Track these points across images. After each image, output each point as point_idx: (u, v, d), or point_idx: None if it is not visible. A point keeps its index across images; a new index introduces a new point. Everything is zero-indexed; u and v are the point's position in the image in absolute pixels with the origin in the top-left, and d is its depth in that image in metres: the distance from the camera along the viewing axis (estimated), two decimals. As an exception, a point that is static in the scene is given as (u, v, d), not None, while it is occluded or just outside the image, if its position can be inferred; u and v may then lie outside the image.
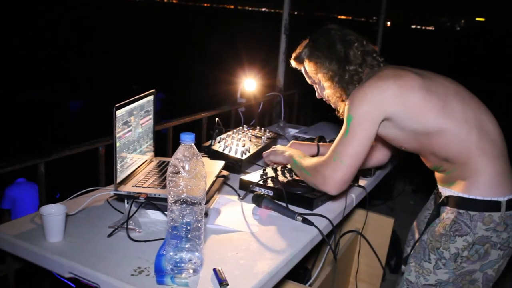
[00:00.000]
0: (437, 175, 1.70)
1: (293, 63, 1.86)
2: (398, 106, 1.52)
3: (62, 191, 4.91)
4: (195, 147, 1.21)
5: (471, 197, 1.52)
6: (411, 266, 1.65)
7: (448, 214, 1.58)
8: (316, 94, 1.89)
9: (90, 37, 24.34)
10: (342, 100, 1.74)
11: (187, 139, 1.19)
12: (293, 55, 1.84)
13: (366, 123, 1.53)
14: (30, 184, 4.84)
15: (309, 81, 1.87)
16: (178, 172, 1.19)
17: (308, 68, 1.78)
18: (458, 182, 1.57)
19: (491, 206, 1.51)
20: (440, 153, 1.56)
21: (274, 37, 3.49)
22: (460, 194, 1.55)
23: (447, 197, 1.60)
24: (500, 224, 1.51)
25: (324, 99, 1.86)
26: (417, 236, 1.81)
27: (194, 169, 1.19)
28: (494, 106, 1.67)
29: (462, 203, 1.54)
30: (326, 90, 1.76)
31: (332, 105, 1.83)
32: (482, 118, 1.56)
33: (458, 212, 1.54)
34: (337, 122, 2.83)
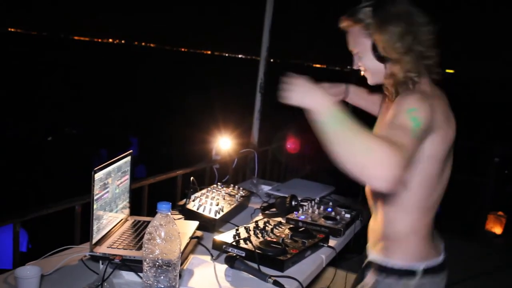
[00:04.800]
0: (368, 233, 1.77)
1: (345, 23, 1.60)
2: (433, 138, 1.44)
3: (33, 240, 4.86)
4: (170, 215, 1.27)
5: (388, 265, 1.60)
6: None
7: (370, 278, 1.66)
8: (354, 64, 1.65)
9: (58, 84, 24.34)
10: (396, 82, 1.53)
11: (164, 209, 1.25)
12: (348, 12, 1.58)
13: (423, 135, 1.39)
14: (6, 227, 4.76)
15: (350, 47, 1.63)
16: (154, 239, 1.25)
17: (360, 33, 1.56)
18: (381, 243, 1.65)
19: (408, 273, 1.58)
20: (406, 196, 1.53)
21: (249, 93, 3.62)
22: (379, 261, 1.64)
23: (369, 262, 1.69)
24: None
25: (362, 71, 1.66)
26: None
27: (170, 237, 1.25)
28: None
29: (381, 269, 1.63)
30: (370, 63, 1.58)
31: (369, 80, 1.66)
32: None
33: (377, 278, 1.63)
34: (310, 179, 2.94)
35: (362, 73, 1.67)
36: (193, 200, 2.22)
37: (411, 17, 1.48)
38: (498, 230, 6.07)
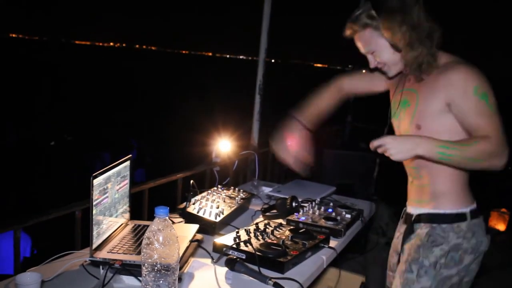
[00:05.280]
0: (410, 192, 1.91)
1: (350, 30, 1.78)
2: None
3: (36, 245, 4.89)
4: (169, 220, 1.28)
5: (440, 212, 1.77)
6: (397, 282, 1.83)
7: (422, 229, 1.80)
8: (370, 63, 1.83)
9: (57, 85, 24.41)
10: (419, 66, 1.71)
11: (161, 213, 1.26)
12: (351, 20, 1.76)
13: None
14: (9, 233, 4.78)
15: (364, 50, 1.80)
16: (152, 244, 1.25)
17: (371, 34, 1.73)
18: (428, 200, 1.81)
19: (458, 217, 1.75)
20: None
21: (249, 94, 3.61)
22: (431, 211, 1.79)
23: (419, 215, 1.83)
24: (468, 232, 1.74)
25: (381, 66, 1.83)
26: (395, 257, 1.97)
27: (168, 242, 1.25)
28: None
29: (434, 218, 1.79)
30: (389, 56, 1.77)
31: (393, 71, 1.84)
32: None
33: (432, 226, 1.77)
34: (311, 179, 2.93)
35: (382, 69, 1.85)
36: (193, 203, 2.23)
37: (406, 5, 1.65)
38: (501, 227, 6.06)
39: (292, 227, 2.10)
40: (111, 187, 1.76)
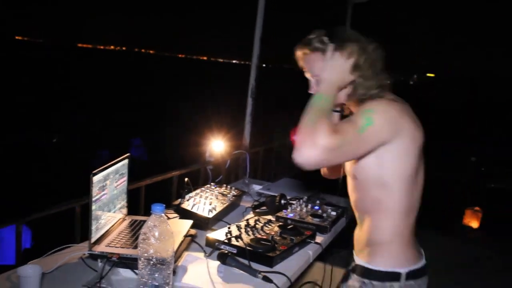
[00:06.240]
0: (355, 236, 1.74)
1: (300, 52, 1.64)
2: (402, 138, 1.49)
3: (36, 237, 4.84)
4: (164, 216, 1.26)
5: (374, 268, 1.59)
6: None
7: (354, 282, 1.64)
8: (311, 89, 1.64)
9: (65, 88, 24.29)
10: (358, 99, 1.57)
11: (158, 210, 1.24)
12: (303, 42, 1.63)
13: (378, 135, 1.45)
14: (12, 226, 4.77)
15: (309, 72, 1.65)
16: (148, 239, 1.23)
17: (317, 58, 1.58)
18: (364, 251, 1.64)
19: (392, 276, 1.57)
20: (382, 202, 1.57)
21: (241, 98, 3.61)
22: (365, 265, 1.62)
23: (355, 265, 1.67)
24: None
25: None
26: None
27: (163, 237, 1.24)
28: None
29: (366, 273, 1.61)
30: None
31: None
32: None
33: (363, 282, 1.61)
34: (299, 179, 2.92)
35: None
36: (188, 200, 2.21)
37: (361, 42, 1.54)
38: (474, 224, 6.11)
39: (280, 223, 2.09)
40: (110, 184, 1.74)
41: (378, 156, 1.50)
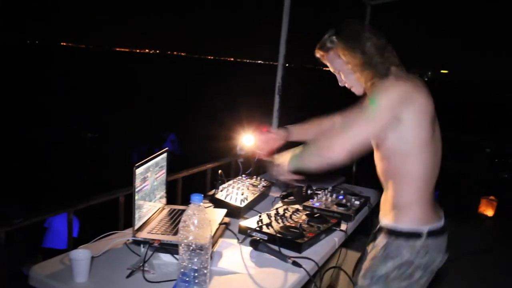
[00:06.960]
0: (381, 201, 1.77)
1: (318, 54, 1.80)
2: (412, 110, 1.53)
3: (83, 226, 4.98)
4: (202, 205, 1.26)
5: (398, 229, 1.63)
6: (359, 281, 1.74)
7: (381, 239, 1.68)
8: (340, 82, 1.81)
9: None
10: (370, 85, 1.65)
11: (196, 200, 1.25)
12: (318, 45, 1.77)
13: (385, 113, 1.52)
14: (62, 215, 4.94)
15: (332, 69, 1.80)
16: (188, 226, 1.24)
17: (334, 56, 1.73)
18: (389, 212, 1.67)
19: (414, 235, 1.61)
20: (402, 170, 1.62)
21: (268, 92, 3.60)
22: (390, 226, 1.66)
23: (381, 226, 1.71)
24: (421, 250, 1.61)
25: (347, 86, 1.80)
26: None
27: (202, 225, 1.24)
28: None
29: (391, 233, 1.65)
30: (351, 76, 1.73)
31: (356, 92, 1.79)
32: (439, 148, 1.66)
33: (388, 239, 1.65)
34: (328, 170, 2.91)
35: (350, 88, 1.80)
36: (221, 191, 2.22)
37: (362, 33, 1.64)
38: (489, 212, 5.98)
39: (307, 212, 2.08)
40: (151, 175, 1.75)
41: (394, 129, 1.55)
